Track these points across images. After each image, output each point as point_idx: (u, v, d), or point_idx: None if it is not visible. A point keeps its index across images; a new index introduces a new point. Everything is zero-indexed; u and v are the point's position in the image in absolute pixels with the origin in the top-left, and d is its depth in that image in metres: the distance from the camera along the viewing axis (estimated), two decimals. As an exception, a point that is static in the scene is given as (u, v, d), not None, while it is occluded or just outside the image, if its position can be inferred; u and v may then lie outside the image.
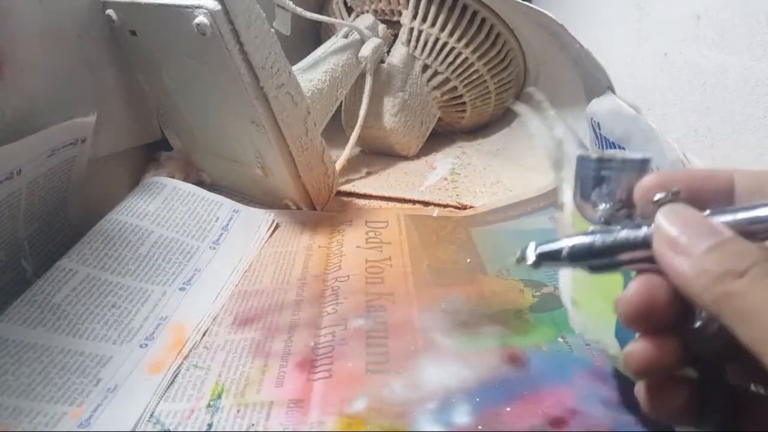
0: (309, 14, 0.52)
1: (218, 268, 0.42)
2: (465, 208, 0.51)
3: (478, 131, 0.71)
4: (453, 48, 0.60)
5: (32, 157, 0.37)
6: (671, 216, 0.20)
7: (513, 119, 0.70)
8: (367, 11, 0.62)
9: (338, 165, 0.55)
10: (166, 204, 0.45)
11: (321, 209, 0.51)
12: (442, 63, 0.61)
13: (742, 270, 0.17)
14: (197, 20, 0.38)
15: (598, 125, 0.46)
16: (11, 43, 0.37)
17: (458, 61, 0.61)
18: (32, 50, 0.39)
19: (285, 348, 0.34)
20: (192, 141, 0.53)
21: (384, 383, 0.30)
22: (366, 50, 0.57)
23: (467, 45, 0.60)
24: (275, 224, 0.48)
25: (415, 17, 0.60)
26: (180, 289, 0.39)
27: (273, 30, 0.42)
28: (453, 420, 0.28)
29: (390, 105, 0.60)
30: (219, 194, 0.49)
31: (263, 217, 0.48)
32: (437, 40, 0.60)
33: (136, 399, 0.31)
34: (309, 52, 0.57)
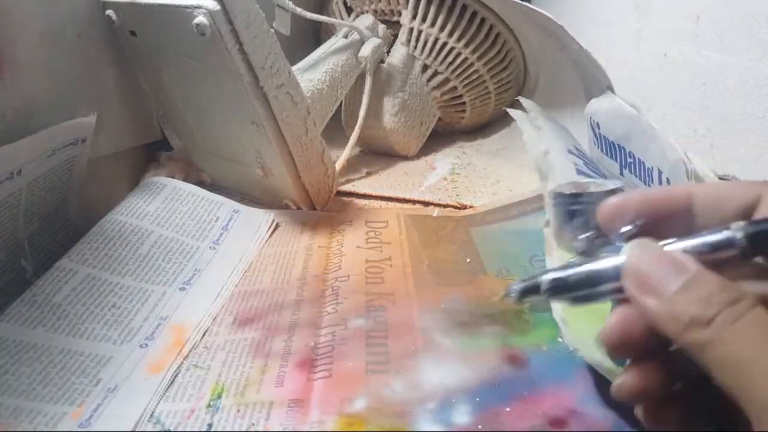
0: (309, 14, 0.52)
1: (218, 268, 0.42)
2: (465, 208, 0.52)
3: (478, 131, 0.71)
4: (453, 48, 0.60)
5: (32, 157, 0.37)
6: (636, 253, 0.20)
7: (513, 119, 0.69)
8: (367, 11, 0.62)
9: (338, 165, 0.55)
10: (166, 204, 0.45)
11: (321, 209, 0.51)
12: (442, 63, 0.61)
13: (709, 318, 0.17)
14: (197, 20, 0.38)
15: (598, 125, 0.46)
16: (11, 43, 0.37)
17: (458, 61, 0.61)
18: (32, 50, 0.39)
19: (285, 348, 0.34)
20: (192, 141, 0.53)
21: (384, 383, 0.30)
22: (366, 50, 0.57)
23: (467, 45, 0.60)
24: (275, 224, 0.48)
25: (415, 17, 0.60)
26: (180, 289, 0.39)
27: (273, 30, 0.42)
28: (453, 420, 0.28)
29: (390, 105, 0.60)
30: (219, 194, 0.49)
31: (263, 217, 0.48)
32: (437, 40, 0.60)
33: (136, 399, 0.31)
34: (309, 52, 0.57)
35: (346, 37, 0.58)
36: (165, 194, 0.46)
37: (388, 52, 0.61)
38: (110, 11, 0.45)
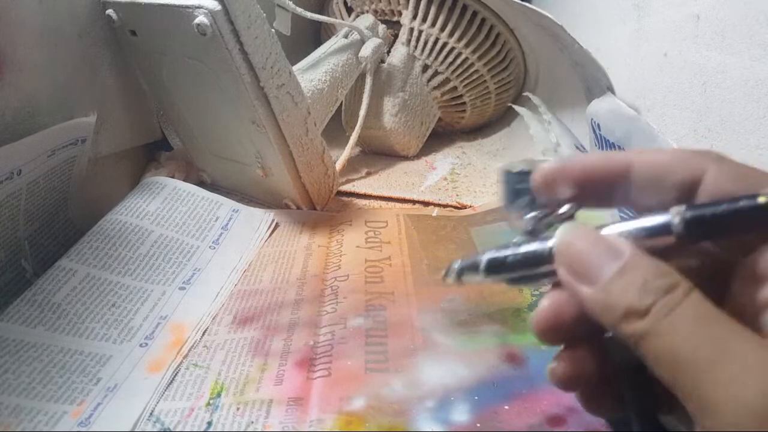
0: (309, 14, 0.52)
1: (218, 268, 0.42)
2: (465, 208, 0.52)
3: (478, 131, 0.71)
4: (453, 48, 0.60)
5: (32, 158, 0.37)
6: (568, 237, 0.19)
7: (513, 119, 0.70)
8: (367, 11, 0.62)
9: (338, 165, 0.55)
10: (166, 204, 0.45)
11: (321, 209, 0.51)
12: (442, 63, 0.61)
13: (645, 308, 0.16)
14: (197, 20, 0.38)
15: (598, 126, 0.46)
16: (11, 43, 0.37)
17: (458, 61, 0.61)
18: (32, 50, 0.40)
19: (284, 347, 0.34)
20: (192, 141, 0.53)
21: (383, 382, 0.30)
22: (366, 50, 0.57)
23: (467, 45, 0.60)
24: (275, 224, 0.48)
25: (415, 17, 0.60)
26: (180, 289, 0.39)
27: (273, 30, 0.42)
28: (452, 418, 0.28)
29: (390, 105, 0.60)
30: (219, 194, 0.49)
31: (263, 217, 0.48)
32: (437, 40, 0.60)
33: (136, 398, 0.31)
34: (309, 52, 0.57)
35: (347, 37, 0.58)
36: (165, 194, 0.46)
37: (389, 52, 0.61)
38: (111, 11, 0.45)
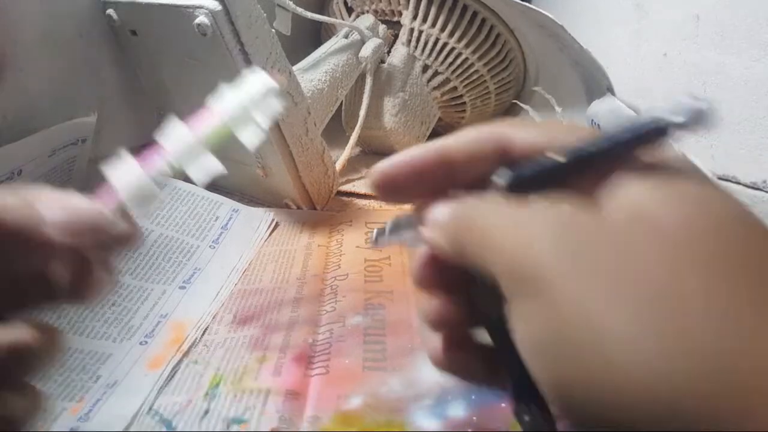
0: (309, 14, 0.52)
1: (218, 267, 0.42)
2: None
3: (479, 131, 0.71)
4: (453, 48, 0.60)
5: (33, 157, 0.37)
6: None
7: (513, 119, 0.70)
8: (368, 11, 0.62)
9: (338, 165, 0.55)
10: (167, 203, 0.45)
11: (321, 209, 0.51)
12: (443, 63, 0.61)
13: (453, 212, 0.17)
14: (198, 20, 0.38)
15: (598, 126, 0.46)
16: (12, 44, 0.38)
17: (458, 62, 0.61)
18: (32, 50, 0.40)
19: (284, 342, 0.34)
20: (193, 141, 0.53)
21: (381, 380, 0.30)
22: (366, 50, 0.57)
23: (467, 45, 0.60)
24: (275, 223, 0.48)
25: (416, 17, 0.60)
26: (180, 288, 0.39)
27: (273, 30, 0.42)
28: (449, 417, 0.28)
29: (390, 105, 0.60)
30: (219, 194, 0.49)
31: (263, 217, 0.48)
32: (437, 41, 0.60)
33: (135, 393, 0.31)
34: (309, 53, 0.57)
35: (347, 38, 0.58)
36: (165, 193, 0.46)
37: (389, 53, 0.61)
38: (111, 11, 0.45)
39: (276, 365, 0.32)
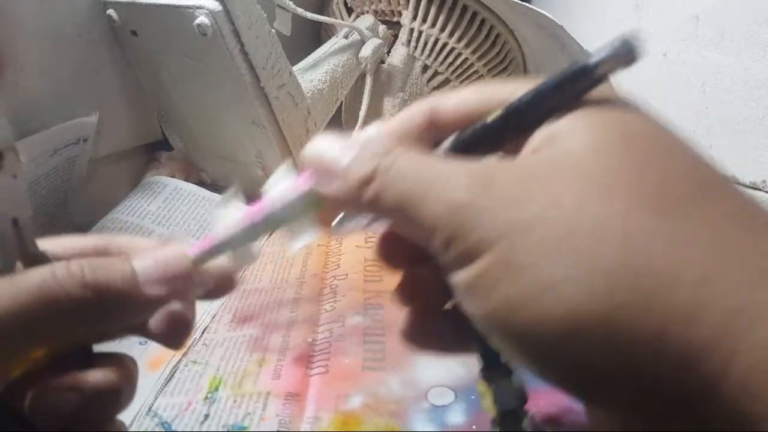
0: (309, 15, 0.52)
1: (218, 267, 0.42)
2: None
3: (479, 132, 0.71)
4: (453, 48, 0.60)
5: (33, 157, 0.37)
6: (309, 152, 0.18)
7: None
8: (368, 12, 0.62)
9: (338, 165, 0.55)
10: (167, 203, 0.45)
11: (321, 209, 0.51)
12: (442, 63, 0.61)
13: (371, 172, 0.16)
14: (198, 20, 0.38)
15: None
16: (12, 44, 0.38)
17: (458, 62, 0.61)
18: (33, 51, 0.40)
19: (283, 343, 0.34)
20: (192, 141, 0.53)
21: (380, 380, 0.30)
22: (366, 51, 0.57)
23: (467, 46, 0.60)
24: (275, 223, 0.48)
25: (416, 18, 0.60)
26: (180, 288, 0.39)
27: (273, 30, 0.42)
28: (448, 418, 0.28)
29: (390, 105, 0.61)
30: (219, 194, 0.49)
31: (263, 217, 0.48)
32: (437, 41, 0.60)
33: (135, 395, 0.31)
34: (309, 53, 0.57)
35: (347, 38, 0.58)
36: (166, 194, 0.46)
37: (389, 53, 0.61)
38: (111, 11, 0.45)
39: (275, 368, 0.32)
